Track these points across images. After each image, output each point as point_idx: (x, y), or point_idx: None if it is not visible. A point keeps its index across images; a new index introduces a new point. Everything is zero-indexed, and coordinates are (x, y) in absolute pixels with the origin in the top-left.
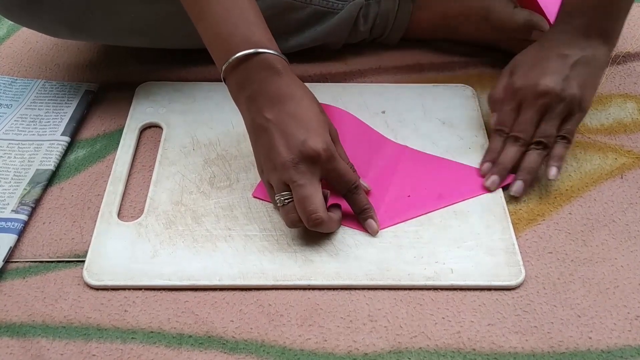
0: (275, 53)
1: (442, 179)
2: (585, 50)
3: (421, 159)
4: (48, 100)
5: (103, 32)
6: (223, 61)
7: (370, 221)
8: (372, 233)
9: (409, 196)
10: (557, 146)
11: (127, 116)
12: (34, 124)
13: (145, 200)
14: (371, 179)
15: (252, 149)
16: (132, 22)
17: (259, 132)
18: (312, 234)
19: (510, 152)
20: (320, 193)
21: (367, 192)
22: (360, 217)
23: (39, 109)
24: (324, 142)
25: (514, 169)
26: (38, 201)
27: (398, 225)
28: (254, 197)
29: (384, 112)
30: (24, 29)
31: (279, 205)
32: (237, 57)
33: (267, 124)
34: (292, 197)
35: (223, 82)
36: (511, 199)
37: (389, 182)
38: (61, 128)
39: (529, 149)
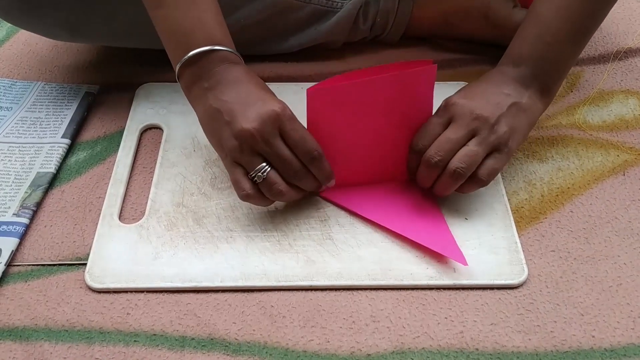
0: (234, 52)
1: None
2: (524, 99)
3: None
4: (48, 102)
5: (102, 34)
6: (182, 54)
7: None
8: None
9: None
10: (467, 184)
11: (127, 118)
12: (34, 127)
13: (146, 202)
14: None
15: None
16: (131, 24)
17: (215, 115)
18: (313, 235)
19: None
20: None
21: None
22: (325, 184)
23: (39, 112)
24: (280, 105)
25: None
26: (39, 204)
27: None
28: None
29: None
30: (24, 31)
31: (258, 182)
32: (197, 52)
33: (223, 104)
34: (269, 166)
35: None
36: (513, 197)
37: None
38: (61, 130)
39: (443, 173)
